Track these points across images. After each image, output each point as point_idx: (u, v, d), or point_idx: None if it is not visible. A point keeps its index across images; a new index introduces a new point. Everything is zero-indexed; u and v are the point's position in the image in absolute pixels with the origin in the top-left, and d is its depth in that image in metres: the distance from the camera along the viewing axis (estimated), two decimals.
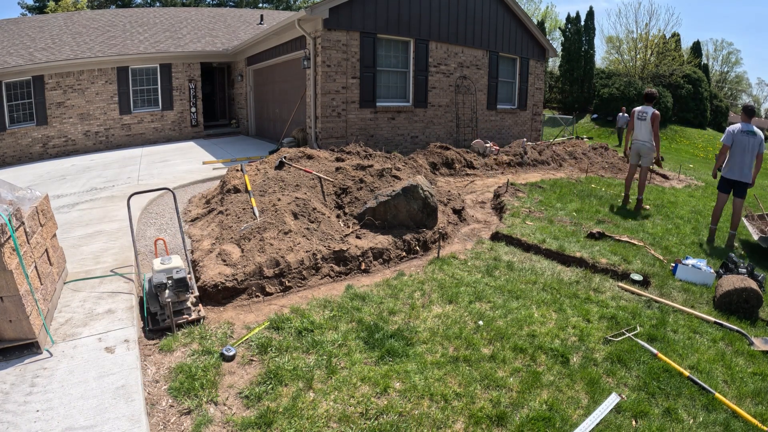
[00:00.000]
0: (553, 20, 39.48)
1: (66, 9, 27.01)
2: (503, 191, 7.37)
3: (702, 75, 27.34)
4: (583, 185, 8.60)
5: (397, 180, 5.88)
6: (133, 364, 2.67)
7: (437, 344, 3.20)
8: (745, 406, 2.77)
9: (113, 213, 5.81)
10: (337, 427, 2.41)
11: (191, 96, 14.56)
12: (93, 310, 3.25)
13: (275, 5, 39.36)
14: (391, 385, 2.73)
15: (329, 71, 9.17)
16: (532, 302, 3.90)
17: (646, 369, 3.05)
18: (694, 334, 3.60)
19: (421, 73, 10.72)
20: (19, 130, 11.99)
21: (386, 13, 9.78)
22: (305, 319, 3.40)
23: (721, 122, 30.36)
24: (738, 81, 53.81)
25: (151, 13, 18.18)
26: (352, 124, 9.71)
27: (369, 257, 4.60)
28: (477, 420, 2.50)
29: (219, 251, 4.24)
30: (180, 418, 2.44)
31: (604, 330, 3.54)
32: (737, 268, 4.47)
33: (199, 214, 5.83)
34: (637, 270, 4.67)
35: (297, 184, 5.59)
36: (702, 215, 7.39)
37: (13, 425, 2.16)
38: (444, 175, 8.91)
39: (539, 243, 5.18)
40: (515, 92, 13.54)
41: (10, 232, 2.58)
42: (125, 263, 4.09)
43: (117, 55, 13.04)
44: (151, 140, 13.93)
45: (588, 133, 23.16)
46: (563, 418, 2.54)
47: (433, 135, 11.31)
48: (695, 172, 13.78)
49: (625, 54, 30.23)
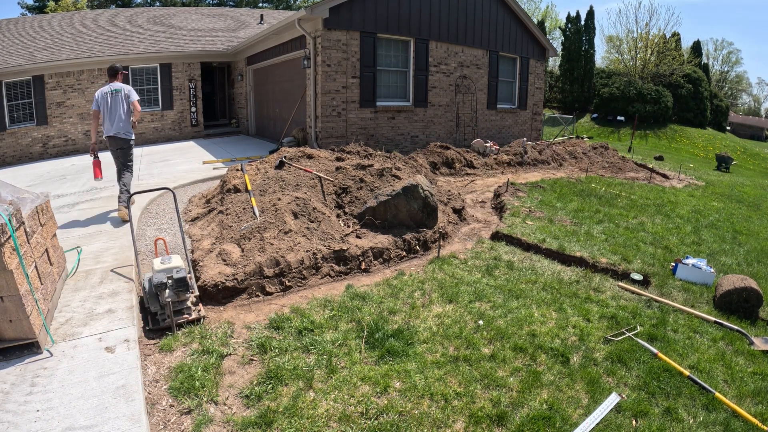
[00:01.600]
0: (553, 20, 39.49)
1: (66, 9, 27.01)
2: (503, 191, 7.37)
3: (702, 74, 27.33)
4: (584, 185, 8.60)
5: (398, 179, 5.87)
6: (133, 364, 2.67)
7: (437, 344, 3.20)
8: (745, 406, 2.77)
9: (113, 213, 5.81)
10: (337, 426, 2.41)
11: (191, 96, 14.55)
12: (93, 309, 3.25)
13: (275, 5, 39.34)
14: (392, 385, 2.74)
15: (329, 71, 9.17)
16: (532, 302, 3.90)
17: (647, 369, 3.05)
18: (695, 333, 3.60)
19: (421, 72, 10.72)
20: (19, 130, 11.99)
21: (386, 13, 9.78)
22: (305, 319, 3.40)
23: (721, 122, 30.35)
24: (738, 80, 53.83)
25: (151, 13, 18.17)
26: (352, 124, 9.70)
27: (369, 257, 4.60)
28: (477, 419, 2.50)
29: (219, 251, 4.24)
30: (180, 418, 2.44)
31: (605, 330, 3.55)
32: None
33: (199, 214, 5.84)
34: (638, 269, 4.67)
35: (297, 184, 5.59)
36: (702, 215, 7.39)
37: (13, 425, 2.16)
38: (444, 175, 8.91)
39: (539, 242, 5.18)
40: (515, 92, 13.53)
41: (10, 232, 2.58)
42: (125, 263, 4.08)
43: (117, 55, 13.03)
44: (151, 140, 13.93)
45: (588, 132, 23.17)
46: (563, 418, 2.54)
47: (433, 134, 11.31)
48: (695, 171, 13.78)
49: (626, 53, 30.24)
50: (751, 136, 37.73)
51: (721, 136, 27.64)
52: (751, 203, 9.62)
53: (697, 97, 26.62)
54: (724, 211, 8.08)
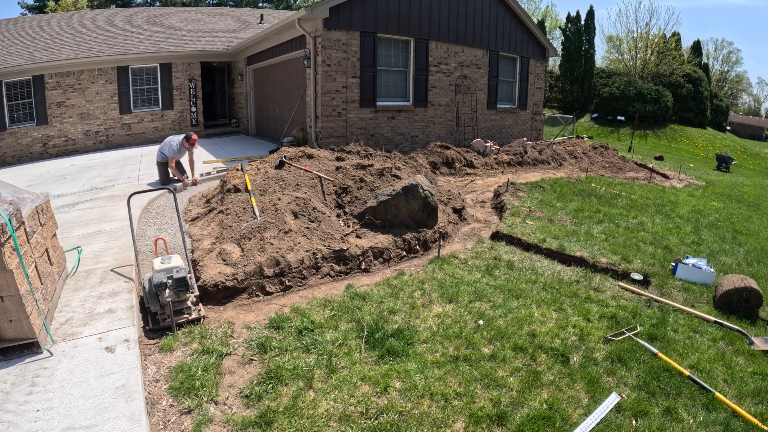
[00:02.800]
0: (554, 19, 39.46)
1: (66, 9, 27.00)
2: (503, 190, 7.37)
3: (702, 74, 27.31)
4: (584, 184, 8.60)
5: (398, 179, 5.87)
6: (133, 364, 2.67)
7: (437, 344, 3.20)
8: (745, 406, 2.77)
9: (113, 212, 5.81)
10: (337, 426, 2.41)
11: (191, 95, 14.55)
12: (93, 309, 3.25)
13: (275, 5, 39.32)
14: (392, 385, 2.73)
15: (329, 71, 9.17)
16: (533, 302, 3.90)
17: (647, 368, 3.05)
18: (695, 333, 3.60)
19: (421, 72, 10.71)
20: (19, 130, 11.99)
21: (386, 13, 9.77)
22: (305, 319, 3.40)
23: (721, 121, 30.32)
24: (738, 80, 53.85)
25: (151, 13, 18.17)
26: (352, 124, 9.70)
27: (369, 256, 4.60)
28: (477, 419, 2.50)
29: (219, 251, 4.24)
30: (180, 418, 2.44)
31: (605, 329, 3.54)
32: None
33: (200, 214, 5.84)
34: (638, 269, 4.67)
35: (297, 184, 5.59)
36: (702, 215, 7.39)
37: (13, 425, 2.16)
38: (444, 175, 8.91)
39: (539, 242, 5.18)
40: (515, 91, 13.53)
41: (10, 232, 2.58)
42: (125, 263, 4.08)
43: (117, 55, 13.03)
44: (151, 140, 13.92)
45: (588, 132, 23.16)
46: (563, 418, 2.54)
47: (434, 134, 11.30)
48: (695, 171, 13.78)
49: (626, 53, 30.23)
50: (751, 136, 37.73)
51: (721, 136, 27.64)
52: (751, 203, 9.62)
53: (697, 97, 26.61)
54: (724, 210, 8.08)
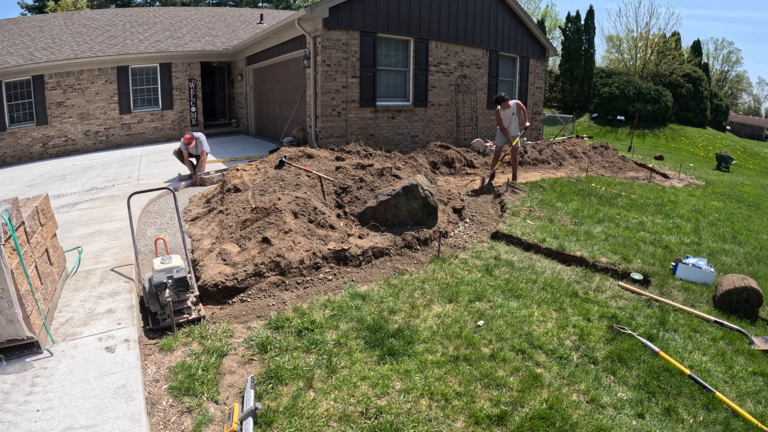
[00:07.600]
0: (553, 19, 39.44)
1: (66, 9, 26.99)
2: (503, 190, 7.37)
3: (702, 74, 27.29)
4: (584, 184, 8.60)
5: (398, 179, 5.87)
6: (133, 364, 2.67)
7: (437, 343, 3.20)
8: (745, 406, 2.77)
9: (113, 212, 5.81)
10: (337, 426, 2.41)
11: (191, 95, 14.55)
12: (93, 309, 3.25)
13: (275, 5, 39.31)
14: (392, 385, 2.73)
15: (329, 70, 9.17)
16: (532, 301, 3.90)
17: (647, 368, 3.05)
18: (695, 333, 3.60)
19: (421, 72, 10.71)
20: (19, 130, 11.99)
21: (386, 12, 9.77)
22: (305, 319, 3.40)
23: (721, 121, 30.32)
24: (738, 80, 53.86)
25: (151, 13, 18.17)
26: (352, 124, 9.70)
27: (369, 256, 4.60)
28: (477, 419, 2.50)
29: (219, 250, 4.24)
30: (180, 418, 2.44)
31: (605, 329, 3.54)
32: None
33: (200, 214, 5.84)
34: (638, 269, 4.66)
35: (297, 184, 5.59)
36: (702, 214, 7.38)
37: (13, 425, 2.16)
38: (444, 174, 8.91)
39: (539, 242, 5.18)
40: (515, 91, 13.53)
41: (10, 232, 2.58)
42: (125, 263, 4.08)
43: (117, 55, 13.03)
44: (151, 140, 13.93)
45: (588, 132, 23.16)
46: (563, 418, 2.54)
47: (433, 134, 11.30)
48: (695, 171, 13.77)
49: (626, 53, 30.22)
50: (751, 136, 37.71)
51: (721, 136, 27.63)
52: (751, 203, 9.62)
53: (697, 97, 26.59)
54: (724, 210, 8.07)
